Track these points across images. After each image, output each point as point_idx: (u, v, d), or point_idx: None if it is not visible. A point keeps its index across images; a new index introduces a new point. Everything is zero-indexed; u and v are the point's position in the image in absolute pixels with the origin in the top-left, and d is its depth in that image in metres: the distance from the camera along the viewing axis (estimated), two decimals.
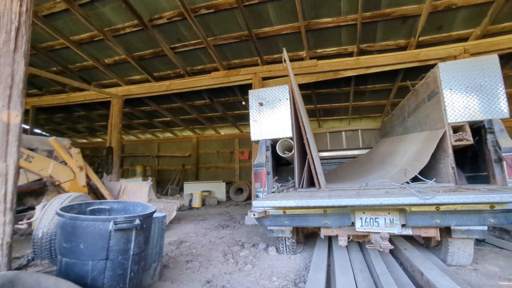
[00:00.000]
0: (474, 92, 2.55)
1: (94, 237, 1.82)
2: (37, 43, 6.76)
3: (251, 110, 3.27)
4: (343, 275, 2.74)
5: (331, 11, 5.27)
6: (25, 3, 1.61)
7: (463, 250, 3.10)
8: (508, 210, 2.10)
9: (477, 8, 4.89)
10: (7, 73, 1.49)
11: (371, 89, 7.97)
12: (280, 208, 2.50)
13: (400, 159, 3.27)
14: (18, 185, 3.34)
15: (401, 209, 2.31)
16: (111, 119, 8.18)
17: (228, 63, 7.08)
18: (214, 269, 3.25)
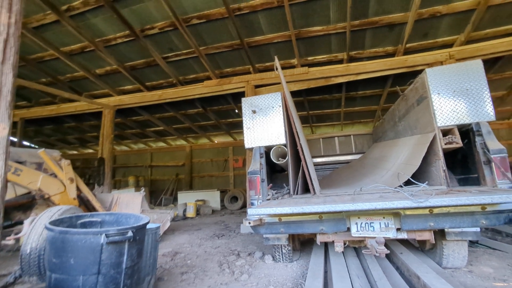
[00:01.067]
0: (461, 96, 2.63)
1: (85, 251, 1.77)
2: (26, 55, 6.68)
3: (245, 118, 3.29)
4: (340, 281, 2.72)
5: (320, 19, 5.39)
6: (14, 15, 1.60)
7: (457, 252, 3.13)
8: (499, 211, 2.13)
9: (461, 15, 5.07)
10: None
11: (362, 95, 8.10)
12: (275, 215, 2.48)
13: (392, 163, 3.30)
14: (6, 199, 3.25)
15: (396, 213, 2.33)
16: (103, 130, 8.08)
17: (220, 72, 7.12)
18: (210, 280, 3.18)
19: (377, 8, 5.04)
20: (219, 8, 5.25)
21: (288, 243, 3.52)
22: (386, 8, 5.03)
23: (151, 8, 5.32)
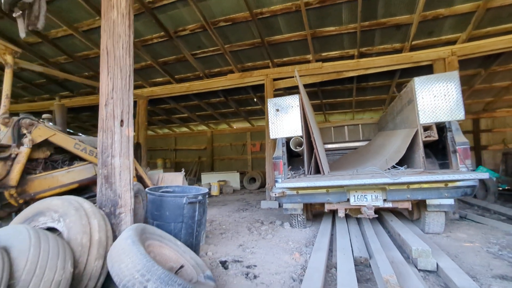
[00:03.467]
0: (440, 100, 3.36)
1: (175, 208, 2.78)
2: (74, 53, 7.71)
3: (270, 115, 4.17)
4: (342, 238, 3.67)
5: (334, 21, 6.03)
6: (131, 58, 2.50)
7: (436, 221, 3.98)
8: (457, 187, 2.97)
9: (462, 17, 5.59)
10: (126, 104, 2.39)
11: (372, 86, 8.72)
12: (294, 188, 3.43)
13: (388, 150, 4.12)
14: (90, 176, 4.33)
15: (383, 187, 3.21)
16: (138, 118, 9.17)
17: (242, 66, 7.91)
18: (243, 238, 4.22)
19: (385, 11, 5.63)
20: (243, 12, 5.98)
21: (303, 213, 4.49)
22: (392, 11, 5.61)
23: (185, 13, 6.13)
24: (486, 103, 9.67)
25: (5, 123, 3.28)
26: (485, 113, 10.09)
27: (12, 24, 6.45)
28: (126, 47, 2.44)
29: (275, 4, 5.74)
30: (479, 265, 2.99)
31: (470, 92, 8.71)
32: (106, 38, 2.43)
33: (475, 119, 10.31)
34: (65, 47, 7.50)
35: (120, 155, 2.30)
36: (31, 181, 3.47)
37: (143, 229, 2.13)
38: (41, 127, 3.53)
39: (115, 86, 2.35)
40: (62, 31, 6.80)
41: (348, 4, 5.54)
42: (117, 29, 2.41)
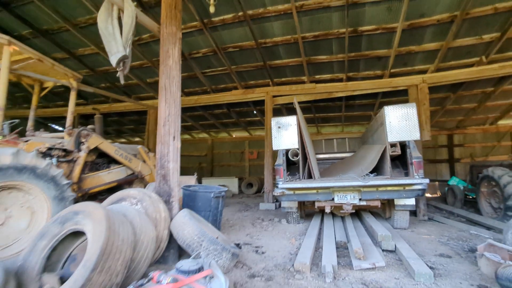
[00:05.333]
0: (402, 124, 4.45)
1: (204, 200, 3.76)
2: (95, 67, 8.66)
3: (273, 131, 5.19)
4: (328, 230, 4.68)
5: (325, 51, 7.18)
6: (179, 92, 3.50)
7: (402, 218, 5.03)
8: (412, 189, 4.04)
9: (430, 52, 6.79)
10: (176, 125, 3.38)
11: (359, 104, 9.90)
12: (292, 189, 4.45)
13: (366, 161, 5.19)
14: (124, 177, 5.25)
15: (358, 189, 4.25)
16: (148, 126, 10.12)
17: (245, 84, 8.98)
18: (249, 230, 5.19)
19: (368, 46, 6.80)
20: (250, 41, 7.06)
21: (297, 211, 5.50)
22: (374, 46, 6.79)
23: (200, 40, 7.18)
24: (458, 121, 10.97)
25: (70, 133, 4.21)
26: (458, 129, 11.39)
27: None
28: (177, 86, 3.44)
29: (277, 36, 6.86)
30: (428, 249, 4.03)
31: (443, 111, 9.98)
32: (164, 78, 3.43)
33: (449, 135, 11.61)
34: (88, 63, 8.46)
35: (173, 161, 3.28)
36: (85, 179, 4.38)
37: (190, 212, 3.11)
38: (94, 136, 4.46)
39: (170, 112, 3.34)
40: (89, 49, 7.76)
41: (337, 39, 6.69)
42: (172, 72, 3.42)
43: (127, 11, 2.99)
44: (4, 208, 2.93)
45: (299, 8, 5.89)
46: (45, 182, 3.07)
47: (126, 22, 2.98)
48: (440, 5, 5.53)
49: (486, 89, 8.52)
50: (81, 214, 2.17)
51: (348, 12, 5.82)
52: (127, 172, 5.41)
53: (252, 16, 6.24)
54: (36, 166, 2.99)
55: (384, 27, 6.15)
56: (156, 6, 6.22)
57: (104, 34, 3.00)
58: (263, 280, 2.81)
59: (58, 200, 3.17)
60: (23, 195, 3.03)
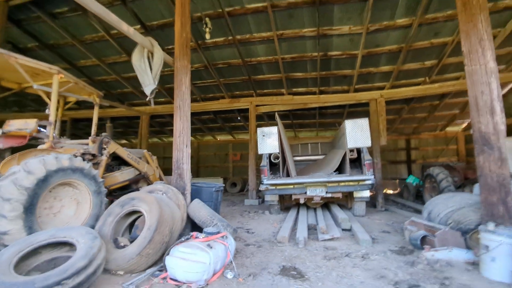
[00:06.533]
0: (358, 134, 5.83)
1: (208, 194, 4.86)
2: (94, 76, 9.39)
3: (258, 138, 6.38)
4: (302, 217, 5.92)
5: (301, 70, 8.50)
6: (190, 111, 4.57)
7: (360, 207, 6.40)
8: (364, 184, 5.40)
9: (386, 73, 8.33)
10: (188, 136, 4.44)
11: (330, 112, 11.37)
12: (274, 185, 5.66)
13: (332, 162, 6.54)
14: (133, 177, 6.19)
15: (325, 184, 5.55)
16: (141, 130, 10.93)
17: (232, 94, 10.11)
18: (239, 219, 6.33)
19: (336, 67, 8.21)
20: (237, 59, 8.21)
21: (278, 204, 6.73)
22: (341, 67, 8.21)
23: (193, 57, 8.20)
24: (414, 127, 12.81)
25: (93, 141, 5.13)
26: (414, 135, 13.25)
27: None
28: (188, 106, 4.53)
29: (260, 56, 8.07)
30: (375, 228, 5.39)
31: (401, 119, 11.71)
32: (179, 101, 4.50)
33: (407, 139, 13.46)
34: (87, 72, 9.19)
35: (186, 163, 4.35)
36: (105, 178, 5.31)
37: (200, 201, 4.21)
38: (112, 143, 5.39)
39: (183, 127, 4.42)
40: (90, 61, 8.54)
41: (310, 60, 8.02)
42: (184, 96, 4.49)
43: (157, 54, 4.04)
44: (59, 199, 3.87)
45: (279, 36, 7.13)
46: (89, 179, 4.03)
47: (156, 62, 4.03)
48: (390, 39, 7.02)
49: (433, 102, 10.28)
50: (136, 199, 3.23)
51: (319, 41, 7.16)
52: (135, 172, 6.35)
53: (240, 40, 7.40)
54: (83, 168, 3.95)
55: (348, 53, 7.57)
56: (158, 29, 7.21)
57: (138, 69, 4.03)
58: (255, 248, 3.98)
59: (96, 194, 4.13)
60: (73, 190, 3.97)
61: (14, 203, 3.07)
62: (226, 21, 6.71)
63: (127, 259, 2.79)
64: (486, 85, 3.36)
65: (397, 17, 6.31)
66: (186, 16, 4.69)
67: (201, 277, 2.54)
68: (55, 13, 6.75)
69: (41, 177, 3.34)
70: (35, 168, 3.29)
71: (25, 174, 3.21)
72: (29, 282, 2.16)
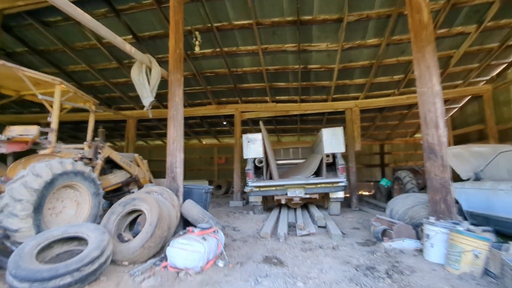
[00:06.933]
0: (333, 141, 6.54)
1: (198, 195, 5.33)
2: (82, 81, 9.57)
3: (244, 144, 6.92)
4: (283, 216, 6.51)
5: (283, 80, 9.15)
6: (182, 119, 5.03)
7: (335, 207, 7.08)
8: (338, 186, 6.08)
9: (360, 85, 9.16)
10: (181, 143, 4.91)
11: (311, 119, 12.12)
12: (258, 187, 6.22)
13: (311, 166, 7.20)
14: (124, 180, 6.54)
15: (303, 186, 6.18)
16: (127, 134, 11.15)
17: (218, 100, 10.60)
18: (225, 219, 6.81)
19: (315, 78, 8.93)
20: (224, 69, 8.73)
21: (261, 205, 7.28)
22: (319, 78, 8.94)
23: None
24: (387, 134, 13.86)
25: (90, 146, 5.46)
26: (387, 140, 14.32)
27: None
28: (181, 115, 4.99)
29: (246, 67, 8.64)
30: (347, 225, 6.06)
31: (375, 126, 12.68)
32: (173, 110, 4.95)
33: (381, 145, 14.51)
34: (76, 78, 9.37)
35: (179, 167, 4.81)
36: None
37: (192, 201, 4.68)
38: (107, 147, 5.74)
39: (177, 134, 4.88)
40: (80, 67, 8.75)
41: (292, 72, 8.70)
42: (178, 106, 4.96)
43: (154, 70, 4.50)
44: (61, 200, 4.21)
45: (264, 50, 7.74)
46: (89, 182, 4.40)
47: (153, 77, 4.49)
48: (362, 56, 7.82)
49: (402, 111, 11.28)
50: (137, 199, 3.67)
51: (300, 55, 7.84)
52: (127, 175, 6.69)
53: (227, 52, 7.94)
54: (84, 171, 4.31)
55: (326, 67, 8.31)
56: (149, 40, 7.60)
57: (136, 83, 4.46)
58: (241, 242, 4.50)
59: (95, 195, 4.50)
60: (74, 191, 4.32)
61: (25, 204, 3.43)
62: (214, 35, 7.23)
63: (131, 251, 3.23)
64: (433, 105, 4.10)
65: (367, 38, 7.10)
66: (179, 34, 5.17)
67: (197, 264, 3.04)
68: (48, 22, 6.98)
69: (48, 180, 3.70)
70: (42, 172, 3.65)
71: (34, 177, 3.57)
72: (53, 269, 2.57)
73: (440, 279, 2.84)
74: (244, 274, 3.07)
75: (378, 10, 6.29)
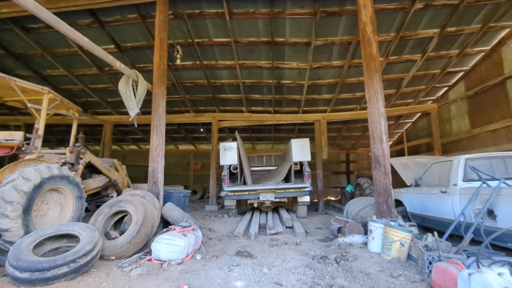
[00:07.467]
0: (301, 150, 7.32)
1: (177, 198, 5.79)
2: (58, 85, 9.59)
3: (220, 152, 7.48)
4: (255, 218, 7.12)
5: (258, 92, 9.87)
6: (164, 128, 5.49)
7: (302, 210, 7.83)
8: (304, 191, 6.83)
9: (327, 100, 10.13)
10: (162, 150, 5.35)
11: (284, 128, 12.96)
12: (232, 191, 6.79)
13: (281, 173, 7.92)
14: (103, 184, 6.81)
15: (274, 191, 6.85)
16: (104, 139, 11.21)
17: (196, 108, 11.07)
18: (201, 221, 7.27)
19: (288, 92, 9.76)
20: (203, 80, 9.27)
21: (235, 208, 7.85)
22: (291, 92, 9.78)
23: None
24: (352, 144, 15.11)
25: (71, 151, 5.71)
26: (352, 150, 15.58)
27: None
28: (163, 125, 5.46)
29: (224, 79, 9.25)
30: (312, 226, 6.80)
31: (341, 137, 13.82)
32: (156, 120, 5.40)
33: (347, 153, 15.74)
34: (53, 82, 9.39)
35: (160, 173, 5.25)
36: None
37: (172, 204, 5.14)
38: (88, 153, 6.01)
39: (159, 142, 5.33)
40: (58, 72, 8.83)
41: (267, 86, 9.45)
42: (160, 117, 5.42)
43: (141, 84, 4.95)
44: (46, 203, 4.48)
45: (241, 65, 8.41)
46: (73, 186, 4.70)
47: (139, 91, 4.93)
48: (328, 75, 8.77)
49: (364, 124, 12.46)
50: (123, 201, 4.09)
51: (274, 71, 8.61)
52: (106, 180, 6.96)
53: (206, 65, 8.51)
54: (69, 175, 4.62)
55: (297, 83, 9.16)
56: (131, 50, 7.97)
57: (123, 95, 4.88)
58: (216, 240, 5.03)
59: (79, 199, 4.80)
60: (58, 195, 4.61)
61: (15, 205, 3.72)
62: (195, 49, 7.78)
63: (119, 247, 3.65)
64: (378, 123, 4.97)
65: (333, 59, 8.05)
66: (164, 50, 5.67)
67: (178, 256, 3.54)
68: (29, 28, 7.11)
69: (37, 183, 4.01)
70: (31, 176, 3.96)
71: (23, 181, 3.88)
72: (52, 260, 2.95)
73: (375, 263, 3.60)
74: (219, 264, 3.62)
75: (341, 37, 7.22)
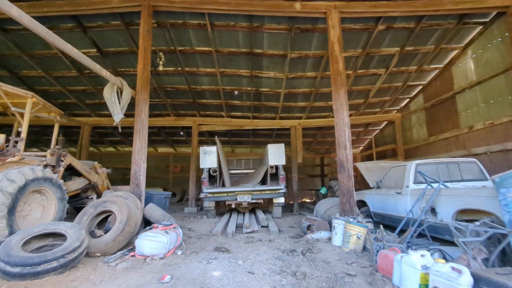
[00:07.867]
0: (277, 155, 7.87)
1: (158, 199, 6.08)
2: (35, 86, 9.47)
3: (201, 155, 7.83)
4: (233, 219, 7.53)
5: (238, 99, 10.32)
6: (147, 133, 5.76)
7: (277, 211, 8.35)
8: (278, 192, 7.35)
9: (302, 107, 10.79)
10: (145, 153, 5.62)
11: (262, 133, 13.49)
12: (212, 193, 7.16)
13: (258, 175, 8.40)
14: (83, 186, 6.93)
15: (251, 192, 7.31)
16: (81, 141, 11.12)
17: (177, 112, 11.30)
18: (181, 222, 7.54)
19: (266, 99, 10.30)
20: (184, 86, 9.57)
21: (214, 209, 8.21)
22: (269, 100, 10.33)
23: None
24: (326, 148, 15.97)
25: (52, 154, 5.82)
26: (326, 154, 16.45)
27: None
28: (146, 129, 5.74)
29: (205, 85, 9.61)
30: (286, 225, 7.31)
31: (316, 142, 14.60)
32: (139, 125, 5.67)
33: (322, 158, 16.58)
34: (29, 82, 9.27)
35: (142, 175, 5.52)
36: None
37: (154, 205, 5.44)
38: (69, 156, 6.13)
39: (142, 146, 5.60)
40: (35, 73, 8.76)
41: (246, 93, 9.93)
42: (143, 121, 5.70)
43: (125, 92, 5.22)
44: (28, 204, 4.62)
45: (221, 73, 8.82)
46: (56, 187, 4.87)
47: (124, 98, 5.20)
48: (303, 84, 9.42)
49: None
50: (108, 202, 4.35)
51: (252, 79, 9.11)
52: (85, 182, 7.07)
53: (188, 71, 8.83)
54: (52, 177, 4.79)
55: (274, 91, 9.73)
56: (113, 55, 8.13)
57: (108, 101, 5.13)
58: (196, 239, 5.39)
59: (61, 200, 4.98)
60: (41, 196, 4.76)
61: (0, 206, 3.89)
62: (177, 56, 8.09)
63: (104, 244, 3.92)
64: (343, 131, 5.60)
65: (307, 71, 8.69)
66: (147, 59, 5.96)
67: (161, 251, 3.88)
68: (7, 29, 7.09)
69: (21, 185, 4.19)
70: (16, 177, 4.14)
71: (8, 182, 4.05)
72: (42, 256, 3.20)
73: (335, 254, 4.15)
74: (198, 258, 4.00)
75: (314, 51, 7.87)
